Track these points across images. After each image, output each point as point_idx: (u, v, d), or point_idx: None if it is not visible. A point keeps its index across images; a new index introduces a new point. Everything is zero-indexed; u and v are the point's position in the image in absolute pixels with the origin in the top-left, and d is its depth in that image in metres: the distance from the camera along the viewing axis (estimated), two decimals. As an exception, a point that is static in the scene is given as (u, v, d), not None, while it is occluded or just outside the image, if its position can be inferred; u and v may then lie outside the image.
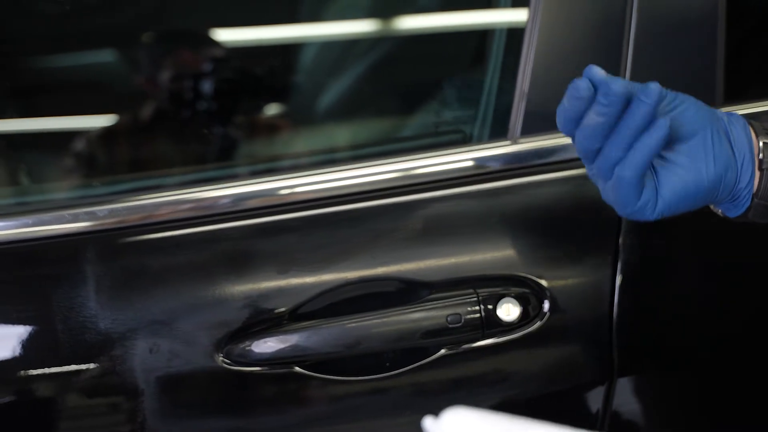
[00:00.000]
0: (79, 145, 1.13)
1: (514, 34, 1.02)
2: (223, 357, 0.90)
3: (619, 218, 0.96)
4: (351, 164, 0.98)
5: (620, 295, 0.96)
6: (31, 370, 0.89)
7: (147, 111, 1.15)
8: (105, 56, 1.26)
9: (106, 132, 1.15)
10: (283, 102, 1.21)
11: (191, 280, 0.91)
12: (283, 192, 0.95)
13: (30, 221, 0.92)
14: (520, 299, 0.94)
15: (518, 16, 1.01)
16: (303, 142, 1.20)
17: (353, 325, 0.92)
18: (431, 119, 1.11)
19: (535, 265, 0.95)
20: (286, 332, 0.91)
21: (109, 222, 0.93)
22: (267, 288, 0.92)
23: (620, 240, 0.96)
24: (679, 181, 0.72)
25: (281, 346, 0.91)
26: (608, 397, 0.99)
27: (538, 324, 0.95)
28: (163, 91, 1.15)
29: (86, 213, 0.93)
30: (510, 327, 0.94)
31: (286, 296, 0.92)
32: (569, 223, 0.97)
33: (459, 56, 1.18)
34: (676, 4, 1.01)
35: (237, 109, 1.18)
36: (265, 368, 0.91)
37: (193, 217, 0.94)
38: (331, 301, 0.93)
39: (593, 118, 0.69)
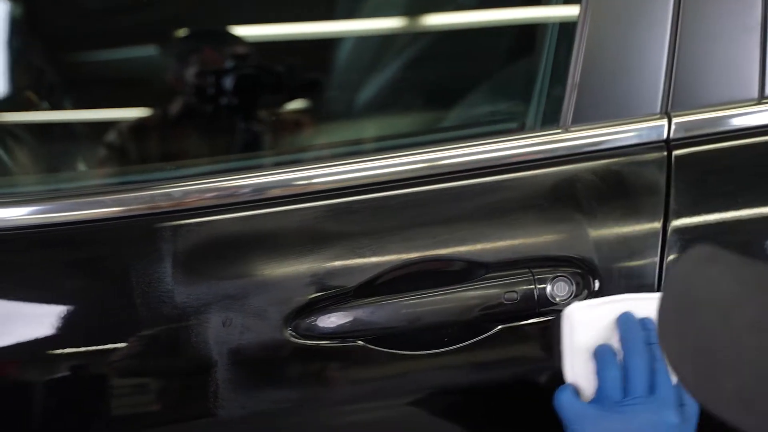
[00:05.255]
0: (146, 131, 1.17)
1: (566, 27, 1.06)
2: (291, 331, 0.95)
3: (667, 204, 1.00)
4: (413, 150, 1.01)
5: (667, 275, 0.99)
6: (110, 344, 0.93)
7: (178, 105, 1.20)
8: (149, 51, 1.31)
9: (174, 120, 1.20)
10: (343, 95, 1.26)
11: (263, 258, 0.95)
12: (350, 176, 0.99)
13: (108, 201, 0.96)
14: (573, 278, 0.98)
15: (570, 11, 1.05)
16: (366, 130, 1.25)
17: (414, 301, 0.96)
18: (488, 108, 1.14)
19: (586, 245, 0.98)
20: (351, 308, 0.95)
21: (184, 203, 0.96)
22: (333, 266, 0.95)
23: (668, 224, 0.99)
24: None
25: (346, 320, 0.95)
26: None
27: (589, 302, 0.99)
28: (196, 87, 1.20)
29: (163, 194, 0.97)
30: (562, 304, 0.97)
31: (351, 274, 0.95)
32: (618, 207, 1.00)
33: (515, 49, 1.22)
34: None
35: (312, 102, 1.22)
36: (331, 342, 0.95)
37: (266, 199, 0.97)
38: (393, 277, 0.96)
39: None
